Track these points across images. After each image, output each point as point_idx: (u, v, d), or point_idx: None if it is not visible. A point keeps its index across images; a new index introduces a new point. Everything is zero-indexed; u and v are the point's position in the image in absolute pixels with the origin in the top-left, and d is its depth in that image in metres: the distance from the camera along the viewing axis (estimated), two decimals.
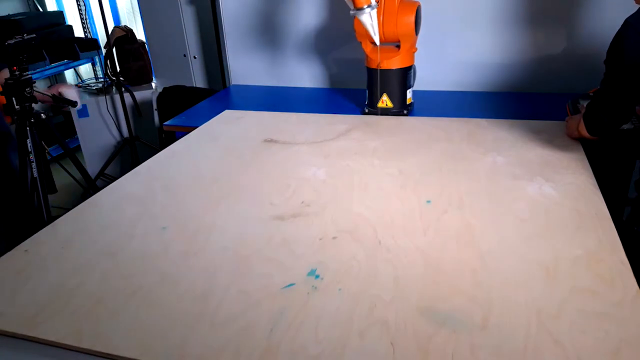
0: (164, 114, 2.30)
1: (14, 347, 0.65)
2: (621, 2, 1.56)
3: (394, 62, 1.45)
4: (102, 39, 3.11)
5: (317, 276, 0.74)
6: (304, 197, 0.99)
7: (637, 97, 0.96)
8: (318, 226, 0.88)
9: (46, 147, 1.92)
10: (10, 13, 2.96)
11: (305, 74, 2.01)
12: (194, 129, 1.44)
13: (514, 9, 1.66)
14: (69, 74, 3.68)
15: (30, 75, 1.72)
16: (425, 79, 1.75)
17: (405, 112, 1.52)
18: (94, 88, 2.71)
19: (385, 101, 1.51)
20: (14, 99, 1.70)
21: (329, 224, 0.88)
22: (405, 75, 1.48)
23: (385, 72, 1.46)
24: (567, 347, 0.58)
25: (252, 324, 0.64)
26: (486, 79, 1.77)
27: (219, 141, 1.34)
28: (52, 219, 1.50)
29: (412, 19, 1.38)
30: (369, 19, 1.25)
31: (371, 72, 1.50)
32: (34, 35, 1.76)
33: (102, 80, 2.90)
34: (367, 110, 1.56)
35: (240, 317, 0.66)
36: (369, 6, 1.22)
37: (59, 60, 3.03)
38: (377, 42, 1.33)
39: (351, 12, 1.25)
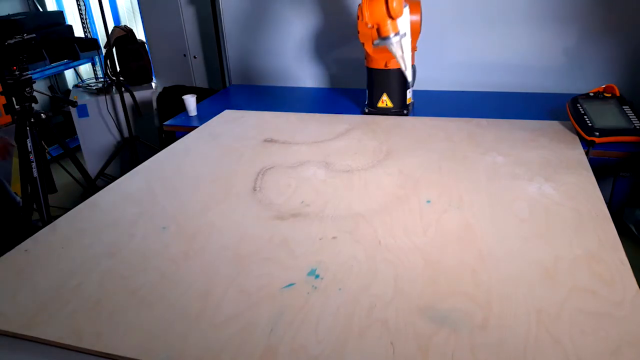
0: (164, 114, 2.30)
1: (14, 347, 0.65)
2: (622, 2, 1.57)
3: (395, 62, 1.45)
4: (102, 39, 3.11)
5: (317, 276, 0.74)
6: (304, 197, 0.99)
7: None
8: (318, 226, 0.88)
9: (46, 147, 1.92)
10: (10, 13, 2.96)
11: (305, 74, 2.01)
12: (194, 129, 1.44)
13: (514, 9, 1.66)
14: (69, 74, 3.68)
15: (30, 75, 1.72)
16: (425, 79, 1.75)
17: (405, 112, 1.52)
18: (94, 88, 2.71)
19: (385, 101, 1.51)
20: (14, 99, 1.70)
21: (329, 224, 0.88)
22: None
23: (385, 72, 1.46)
24: (567, 347, 0.58)
25: (252, 324, 0.64)
26: (486, 78, 1.78)
27: (219, 141, 1.34)
28: (52, 219, 1.50)
29: (418, 17, 1.38)
30: (399, 50, 1.06)
31: (371, 72, 1.50)
32: (34, 35, 1.76)
33: (102, 80, 2.90)
34: (367, 110, 1.56)
35: (240, 317, 0.66)
36: (397, 34, 1.01)
37: (59, 60, 3.03)
38: (409, 77, 1.14)
39: (375, 43, 1.03)
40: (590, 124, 1.23)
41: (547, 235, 0.81)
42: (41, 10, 3.45)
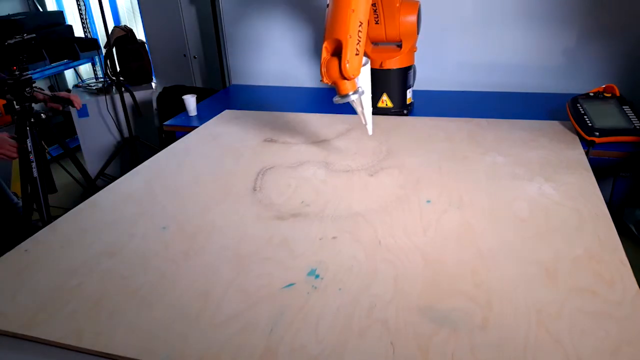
0: (164, 114, 2.30)
1: (14, 347, 0.65)
2: (622, 3, 1.57)
3: (394, 62, 1.45)
4: (102, 39, 3.11)
5: (317, 276, 0.74)
6: (304, 197, 0.99)
7: None
8: (318, 226, 0.88)
9: (46, 147, 1.92)
10: (10, 13, 2.96)
11: (305, 74, 2.01)
12: (194, 129, 1.44)
13: (514, 9, 1.66)
14: (69, 74, 3.68)
15: (30, 75, 1.72)
16: (425, 79, 1.75)
17: (405, 112, 1.52)
18: (94, 88, 2.71)
19: (385, 101, 1.51)
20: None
21: (329, 224, 0.88)
22: (405, 75, 1.48)
23: (385, 72, 1.46)
24: (567, 347, 0.58)
25: (252, 324, 0.64)
26: (486, 78, 1.78)
27: (219, 141, 1.34)
28: (52, 219, 1.50)
29: (415, 18, 1.38)
30: (359, 106, 1.07)
31: (371, 72, 1.50)
32: (34, 35, 1.76)
33: (102, 80, 2.90)
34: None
35: (240, 317, 0.66)
36: (355, 92, 1.01)
37: (59, 60, 3.04)
38: (370, 131, 1.12)
39: (335, 99, 1.02)
40: (590, 124, 1.23)
41: (547, 235, 0.81)
42: (41, 10, 3.45)
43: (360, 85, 1.03)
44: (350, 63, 0.96)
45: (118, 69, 2.57)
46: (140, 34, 2.87)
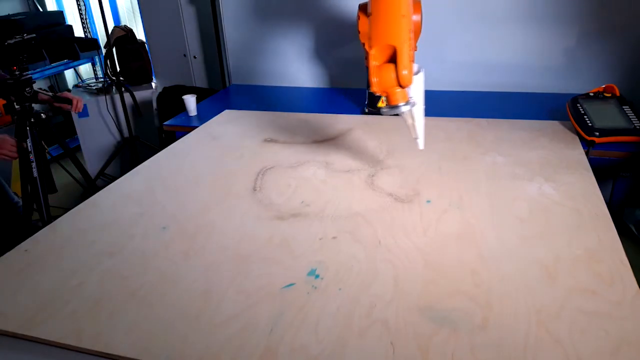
0: (164, 114, 2.30)
1: (14, 347, 0.65)
2: (622, 3, 1.56)
3: None
4: (102, 39, 3.11)
5: (317, 276, 0.74)
6: (304, 197, 0.99)
7: None
8: (318, 226, 0.88)
9: (46, 147, 1.92)
10: (10, 13, 2.95)
11: (305, 74, 2.01)
12: (194, 129, 1.44)
13: (514, 9, 1.66)
14: (69, 74, 3.68)
15: (30, 75, 1.72)
16: (426, 79, 1.75)
17: None
18: (94, 88, 2.71)
19: (385, 101, 1.51)
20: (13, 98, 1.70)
21: (329, 224, 0.88)
22: None
23: None
24: (567, 347, 0.58)
25: (251, 324, 0.64)
26: (486, 78, 1.78)
27: (219, 141, 1.34)
28: (52, 219, 1.50)
29: (419, 17, 1.38)
30: (409, 118, 0.99)
31: None
32: (34, 35, 1.76)
33: (102, 80, 2.90)
34: (367, 110, 1.56)
35: (240, 317, 0.66)
36: (407, 103, 0.93)
37: (59, 60, 3.04)
38: (421, 145, 1.02)
39: (383, 110, 0.95)
40: (590, 124, 1.23)
41: (547, 235, 0.81)
42: (41, 10, 3.45)
43: (412, 96, 0.96)
44: (408, 70, 0.90)
45: (118, 69, 2.57)
46: (140, 34, 2.87)
